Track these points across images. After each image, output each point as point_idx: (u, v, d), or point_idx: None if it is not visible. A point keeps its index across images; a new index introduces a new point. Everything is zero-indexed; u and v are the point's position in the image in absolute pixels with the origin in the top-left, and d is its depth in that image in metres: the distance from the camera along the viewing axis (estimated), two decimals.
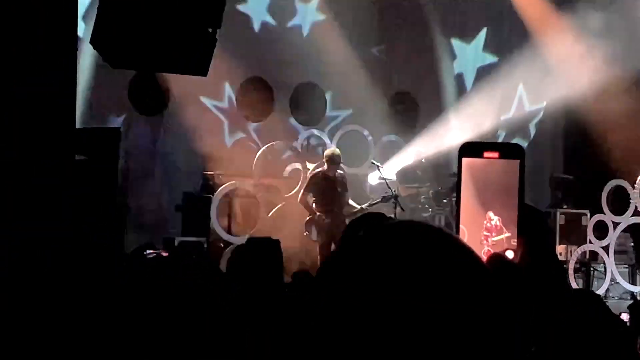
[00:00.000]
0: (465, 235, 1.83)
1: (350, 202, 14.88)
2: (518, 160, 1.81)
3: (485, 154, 1.82)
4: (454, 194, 15.61)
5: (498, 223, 1.83)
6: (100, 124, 15.19)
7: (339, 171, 14.76)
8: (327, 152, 14.86)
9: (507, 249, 1.82)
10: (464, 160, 1.83)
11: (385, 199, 14.99)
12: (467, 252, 1.48)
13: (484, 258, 1.81)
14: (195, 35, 11.42)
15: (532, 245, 1.80)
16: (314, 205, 14.62)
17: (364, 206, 14.85)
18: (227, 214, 15.75)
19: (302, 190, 14.71)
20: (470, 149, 1.83)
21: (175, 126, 16.58)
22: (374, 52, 18.55)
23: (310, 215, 14.62)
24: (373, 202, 14.99)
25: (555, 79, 17.54)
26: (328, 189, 14.54)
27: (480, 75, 19.25)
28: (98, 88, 15.48)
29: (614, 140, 16.92)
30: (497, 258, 1.80)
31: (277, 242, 5.45)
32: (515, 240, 1.81)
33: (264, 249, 5.20)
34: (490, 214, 1.81)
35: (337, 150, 14.90)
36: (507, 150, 1.82)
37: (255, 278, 4.86)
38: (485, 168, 1.82)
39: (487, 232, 1.82)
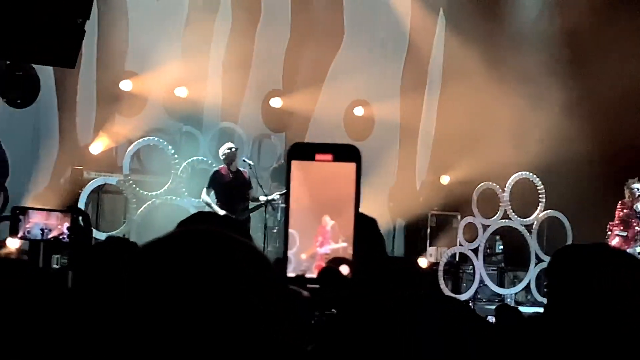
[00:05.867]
0: (297, 241, 1.69)
1: (261, 197, 14.52)
2: (354, 163, 1.66)
3: (317, 157, 1.67)
4: None
5: (335, 229, 1.68)
6: None
7: (240, 167, 14.45)
8: (221, 148, 14.51)
9: (343, 260, 1.67)
10: (294, 162, 1.68)
11: None
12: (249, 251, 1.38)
13: (315, 272, 1.69)
14: (63, 26, 11.11)
15: (367, 259, 1.66)
16: (218, 203, 14.18)
17: (270, 197, 14.47)
18: (95, 210, 15.42)
19: (204, 188, 14.34)
20: (300, 150, 1.68)
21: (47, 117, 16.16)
22: None
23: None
24: (281, 193, 14.60)
25: None
26: (228, 185, 14.21)
27: None
28: None
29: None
30: (329, 270, 1.67)
31: (130, 242, 5.19)
32: (351, 249, 1.67)
33: (117, 249, 4.96)
34: (327, 218, 1.67)
35: (230, 145, 14.51)
36: (341, 152, 1.67)
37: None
38: (318, 172, 1.68)
39: (322, 237, 1.68)
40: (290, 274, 1.66)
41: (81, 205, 14.64)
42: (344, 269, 1.64)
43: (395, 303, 1.65)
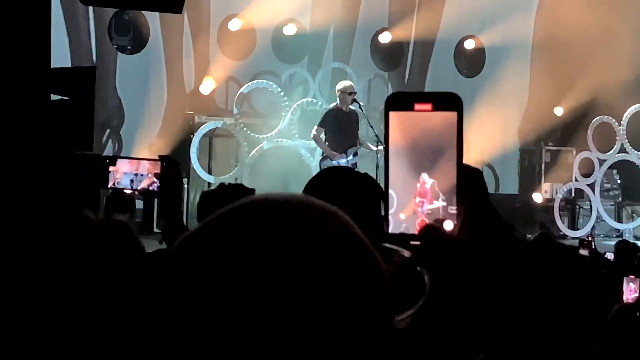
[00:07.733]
0: (395, 202, 1.58)
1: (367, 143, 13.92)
2: (455, 112, 1.55)
3: (417, 106, 1.56)
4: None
5: (435, 188, 1.57)
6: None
7: (351, 107, 13.75)
8: (338, 85, 14.05)
9: (444, 220, 1.55)
10: (392, 114, 1.57)
11: None
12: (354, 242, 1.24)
13: (417, 229, 1.58)
14: None
15: (473, 215, 1.54)
16: (326, 142, 13.86)
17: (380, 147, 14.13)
18: (207, 154, 15.53)
19: (315, 126, 13.98)
20: (399, 100, 1.57)
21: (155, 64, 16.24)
22: None
23: (323, 153, 13.86)
24: None
25: None
26: (341, 124, 13.70)
27: None
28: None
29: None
30: (431, 230, 1.56)
31: (250, 190, 5.09)
32: (454, 208, 1.55)
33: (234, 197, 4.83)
34: (425, 176, 1.56)
35: (348, 83, 14.21)
36: (441, 100, 1.55)
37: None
38: (417, 123, 1.56)
39: (420, 197, 1.56)
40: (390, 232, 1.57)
41: (193, 149, 14.78)
42: (448, 225, 1.54)
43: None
